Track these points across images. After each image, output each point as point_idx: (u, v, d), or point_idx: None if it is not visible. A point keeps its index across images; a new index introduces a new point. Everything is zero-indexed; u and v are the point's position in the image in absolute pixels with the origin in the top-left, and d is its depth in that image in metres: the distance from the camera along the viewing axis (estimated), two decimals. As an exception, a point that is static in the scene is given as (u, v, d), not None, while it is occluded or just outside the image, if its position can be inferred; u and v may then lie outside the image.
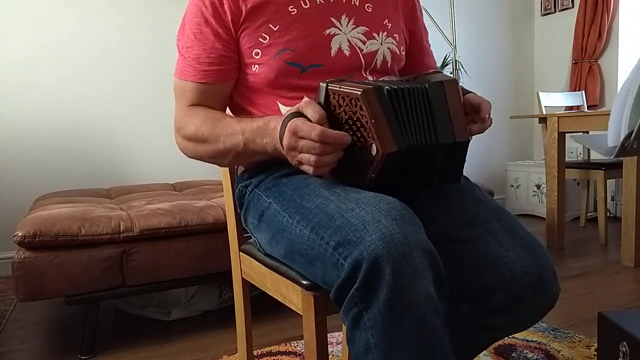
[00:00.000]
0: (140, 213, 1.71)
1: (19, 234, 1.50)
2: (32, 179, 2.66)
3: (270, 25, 0.91)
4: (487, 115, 0.88)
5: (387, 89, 0.75)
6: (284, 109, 0.93)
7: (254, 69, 0.93)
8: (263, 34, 0.91)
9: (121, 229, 1.61)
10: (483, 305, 0.81)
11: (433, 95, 0.78)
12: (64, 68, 2.73)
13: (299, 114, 0.77)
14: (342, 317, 0.69)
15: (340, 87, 0.77)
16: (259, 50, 0.92)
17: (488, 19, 4.09)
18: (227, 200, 1.16)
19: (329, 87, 0.78)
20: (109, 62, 2.83)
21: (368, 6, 0.97)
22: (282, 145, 0.78)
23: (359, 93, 0.73)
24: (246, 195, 1.00)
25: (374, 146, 0.73)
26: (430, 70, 0.90)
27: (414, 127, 0.76)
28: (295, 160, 0.78)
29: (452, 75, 0.83)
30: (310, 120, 0.75)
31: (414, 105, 0.77)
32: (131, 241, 1.63)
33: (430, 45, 1.15)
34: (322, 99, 0.79)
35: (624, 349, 1.10)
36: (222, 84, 0.96)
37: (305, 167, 0.77)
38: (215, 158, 0.93)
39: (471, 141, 0.82)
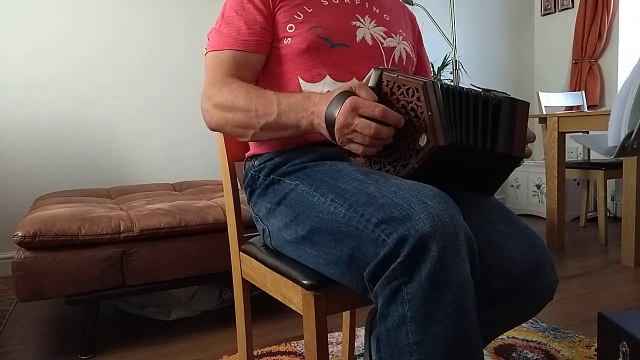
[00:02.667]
0: (140, 213, 1.71)
1: (19, 234, 1.50)
2: (32, 179, 2.66)
3: (305, 7, 1.00)
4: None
5: (443, 85, 0.77)
6: (305, 85, 0.97)
7: (286, 42, 0.98)
8: (298, 12, 0.99)
9: (121, 229, 1.61)
10: (482, 295, 0.81)
11: (504, 108, 0.81)
12: (64, 68, 2.73)
13: (352, 93, 0.78)
14: (378, 291, 0.70)
15: (396, 76, 0.78)
16: (293, 25, 0.98)
17: (488, 19, 4.09)
18: (227, 200, 1.16)
19: (384, 74, 0.80)
20: (109, 63, 2.83)
21: (385, 15, 1.08)
22: (328, 123, 0.78)
23: (420, 84, 0.75)
24: (259, 180, 1.00)
25: (424, 137, 0.74)
26: (501, 91, 0.92)
27: (470, 128, 0.78)
28: (346, 138, 0.78)
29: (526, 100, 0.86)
30: None
31: (474, 108, 0.79)
32: (131, 241, 1.63)
33: (431, 73, 1.23)
34: (373, 84, 0.81)
35: (624, 349, 1.10)
36: (257, 55, 0.99)
37: (354, 146, 0.78)
38: (242, 127, 0.92)
39: None
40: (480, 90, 0.83)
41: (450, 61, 3.53)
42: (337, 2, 1.03)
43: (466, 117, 0.78)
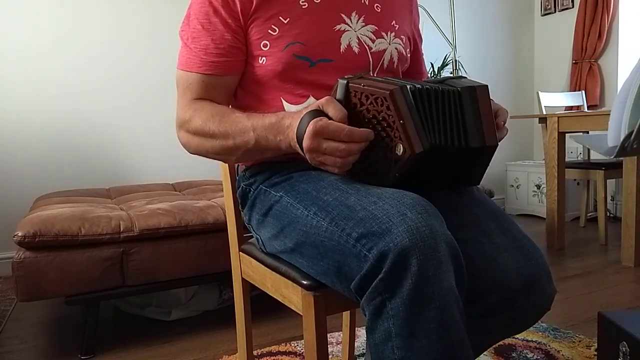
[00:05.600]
0: (140, 213, 1.71)
1: (19, 234, 1.50)
2: (32, 179, 2.66)
3: (280, 18, 0.89)
4: (503, 123, 0.88)
5: (411, 88, 0.74)
6: (288, 107, 0.92)
7: (261, 61, 0.91)
8: (273, 26, 0.89)
9: (121, 229, 1.61)
10: (477, 307, 0.81)
11: (465, 98, 0.78)
12: (64, 69, 2.73)
13: (319, 112, 0.76)
14: (364, 306, 0.70)
15: (363, 86, 0.75)
16: (267, 42, 0.90)
17: (488, 19, 4.09)
18: (227, 200, 1.16)
19: (350, 85, 0.77)
20: (109, 63, 2.83)
21: (377, 6, 0.97)
22: (301, 145, 0.77)
23: (387, 93, 0.72)
24: (250, 193, 0.99)
25: (400, 146, 0.73)
26: (456, 75, 0.89)
27: (442, 127, 0.76)
28: (317, 161, 0.77)
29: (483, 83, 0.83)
30: (331, 119, 0.75)
31: (441, 106, 0.77)
32: (131, 241, 1.63)
33: (422, 53, 1.18)
34: (341, 96, 0.78)
35: (624, 349, 1.10)
36: (228, 77, 0.93)
37: (329, 169, 0.77)
38: (222, 154, 0.91)
39: None
40: (437, 81, 0.80)
41: (450, 61, 3.53)
42: (319, 1, 0.91)
43: (437, 117, 0.76)
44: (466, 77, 0.87)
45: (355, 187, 0.78)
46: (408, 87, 0.74)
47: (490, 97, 0.82)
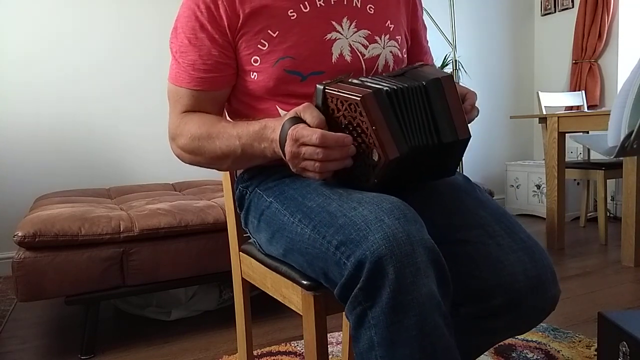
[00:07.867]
0: (140, 213, 1.71)
1: (19, 234, 1.50)
2: (32, 179, 2.66)
3: (269, 31, 0.88)
4: (471, 107, 0.87)
5: (386, 90, 0.73)
6: (284, 114, 0.92)
7: (252, 76, 0.91)
8: (262, 40, 0.88)
9: (121, 229, 1.61)
10: (482, 308, 0.81)
11: (432, 92, 0.76)
12: (64, 68, 2.73)
13: (297, 119, 0.76)
14: (347, 314, 0.70)
15: (338, 91, 0.74)
16: (257, 58, 0.89)
17: (488, 19, 4.09)
18: (227, 200, 1.16)
19: (327, 91, 0.76)
20: (109, 62, 2.83)
21: (370, 7, 0.94)
22: (283, 151, 0.77)
23: (358, 99, 0.71)
24: (246, 195, 1.00)
25: (375, 152, 0.72)
26: (417, 64, 0.85)
27: (415, 127, 0.75)
28: (299, 168, 0.77)
29: (445, 71, 0.81)
30: (309, 126, 0.74)
31: (413, 105, 0.76)
32: (131, 241, 1.63)
33: (428, 42, 1.13)
34: (319, 102, 0.77)
35: (624, 349, 1.10)
36: (218, 91, 0.93)
37: (309, 174, 0.76)
38: (213, 164, 0.92)
39: (471, 140, 0.81)
40: (399, 73, 0.79)
41: (450, 61, 3.53)
42: (308, 9, 0.88)
43: (410, 118, 0.75)
44: (427, 65, 0.85)
45: (338, 192, 0.78)
46: (383, 90, 0.73)
47: (457, 82, 0.81)
